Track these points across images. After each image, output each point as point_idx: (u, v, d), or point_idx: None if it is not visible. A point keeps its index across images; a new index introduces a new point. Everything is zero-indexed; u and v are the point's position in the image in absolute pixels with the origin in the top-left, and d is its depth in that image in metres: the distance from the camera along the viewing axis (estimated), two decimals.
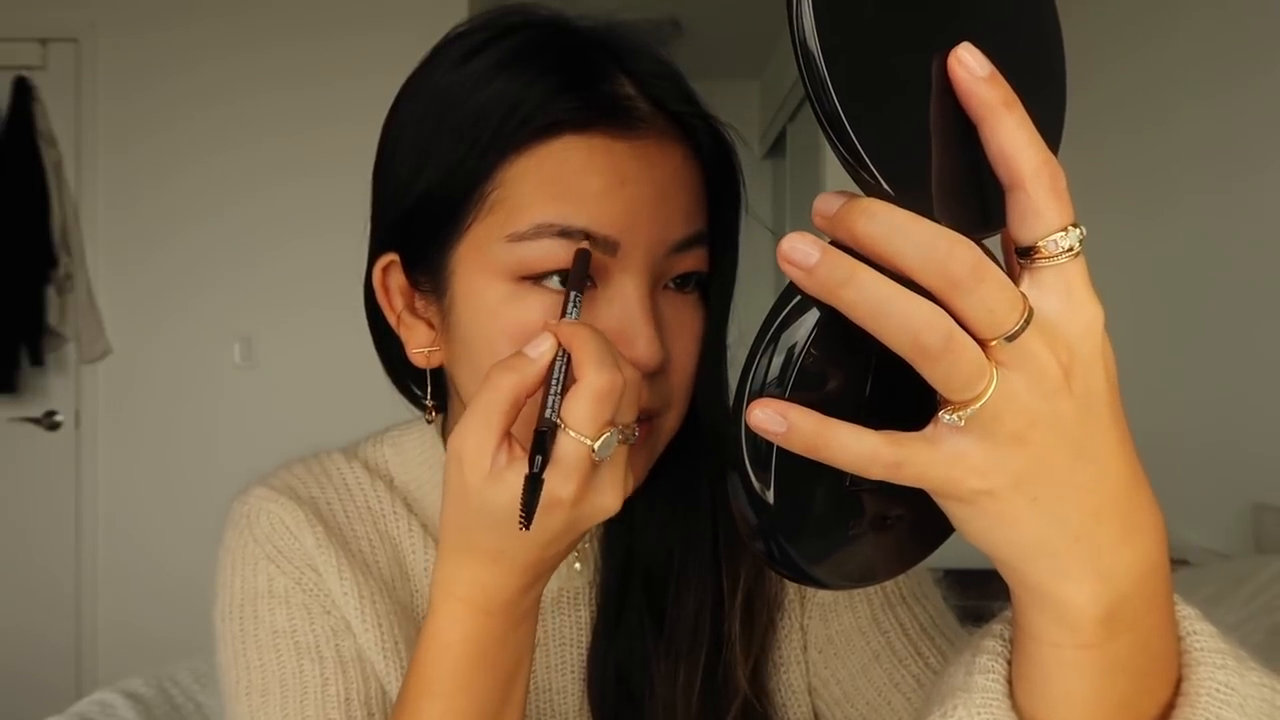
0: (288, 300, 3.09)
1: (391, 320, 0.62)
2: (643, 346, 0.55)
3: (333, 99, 3.02)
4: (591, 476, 0.46)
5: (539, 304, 0.55)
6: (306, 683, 0.60)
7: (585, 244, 0.53)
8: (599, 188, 0.54)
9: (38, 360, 3.05)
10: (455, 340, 0.58)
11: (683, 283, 0.59)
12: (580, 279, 0.52)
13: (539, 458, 0.44)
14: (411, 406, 0.70)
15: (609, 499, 0.48)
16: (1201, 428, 2.20)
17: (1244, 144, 2.09)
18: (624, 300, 0.55)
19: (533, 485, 0.44)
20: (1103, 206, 2.49)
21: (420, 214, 0.58)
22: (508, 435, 0.47)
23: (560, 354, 0.47)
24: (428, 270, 0.59)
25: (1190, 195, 2.28)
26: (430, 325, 0.61)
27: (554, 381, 0.46)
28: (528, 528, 0.45)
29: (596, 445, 0.45)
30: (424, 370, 0.62)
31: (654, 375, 0.57)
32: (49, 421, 3.13)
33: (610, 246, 0.54)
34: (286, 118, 3.11)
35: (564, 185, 0.54)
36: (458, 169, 0.56)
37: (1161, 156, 2.40)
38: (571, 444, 0.45)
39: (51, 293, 3.05)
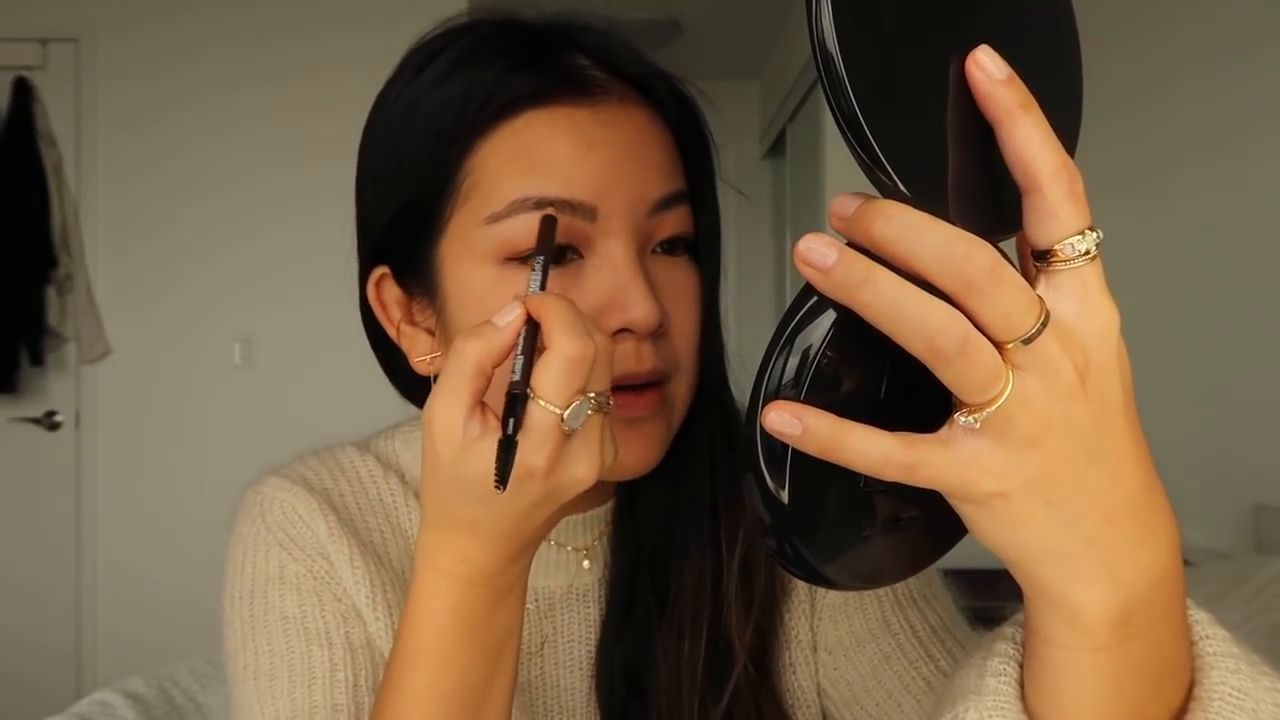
0: (287, 300, 3.09)
1: (391, 333, 0.62)
2: (638, 305, 0.54)
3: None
4: (564, 446, 0.45)
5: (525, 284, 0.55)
6: (315, 668, 0.59)
7: (550, 210, 0.52)
8: (567, 155, 0.55)
9: (38, 360, 3.04)
10: (452, 336, 0.58)
11: (671, 247, 0.59)
12: (548, 245, 0.50)
13: (511, 420, 0.43)
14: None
15: (582, 470, 0.46)
16: (1202, 428, 2.20)
17: (1245, 125, 2.08)
18: (612, 264, 0.55)
19: (506, 448, 0.43)
20: (1101, 192, 2.47)
21: (401, 220, 0.59)
22: (479, 405, 0.45)
23: (529, 323, 0.46)
24: (418, 274, 0.60)
25: (1189, 181, 2.27)
26: (430, 333, 0.61)
27: (521, 352, 0.45)
28: (503, 489, 0.43)
29: (566, 414, 0.43)
30: (430, 380, 0.61)
31: (656, 337, 0.57)
32: (49, 421, 3.13)
33: (588, 212, 0.55)
34: (285, 112, 3.10)
35: (532, 158, 0.55)
36: (427, 167, 0.57)
37: (1161, 140, 2.39)
38: (541, 413, 0.43)
39: (51, 293, 3.05)
